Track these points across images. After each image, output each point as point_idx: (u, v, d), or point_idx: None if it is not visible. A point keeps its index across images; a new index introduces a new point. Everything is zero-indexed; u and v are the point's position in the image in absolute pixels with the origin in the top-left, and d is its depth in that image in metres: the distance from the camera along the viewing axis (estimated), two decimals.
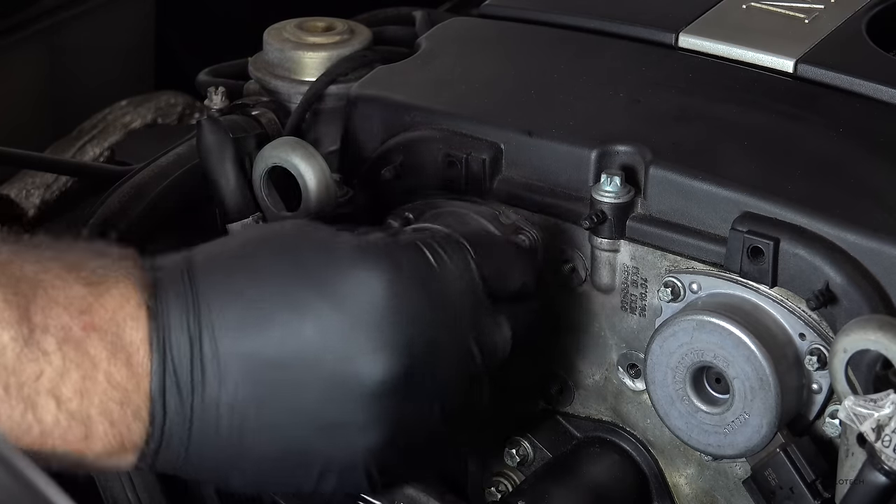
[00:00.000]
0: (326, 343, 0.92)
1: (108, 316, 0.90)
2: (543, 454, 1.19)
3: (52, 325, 0.88)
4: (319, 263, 0.94)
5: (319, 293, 0.93)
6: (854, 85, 1.19)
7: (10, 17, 1.77)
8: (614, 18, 1.31)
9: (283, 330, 0.92)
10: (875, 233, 1.03)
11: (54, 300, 0.88)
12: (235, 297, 0.93)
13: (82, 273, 0.91)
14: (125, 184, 1.27)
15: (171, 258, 0.96)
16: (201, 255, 0.96)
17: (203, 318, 0.91)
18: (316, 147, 1.20)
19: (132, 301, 0.91)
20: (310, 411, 0.93)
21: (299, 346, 0.92)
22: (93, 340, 0.89)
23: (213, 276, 0.94)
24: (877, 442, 0.93)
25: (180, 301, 0.92)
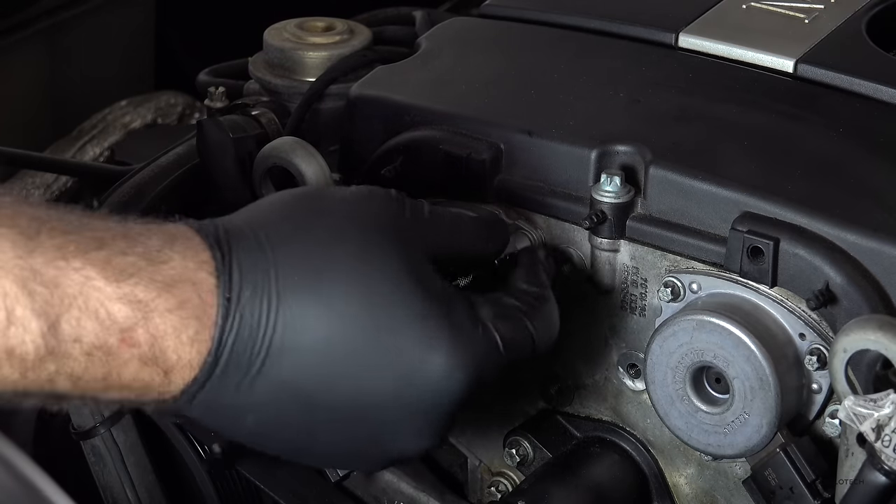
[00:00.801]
0: (381, 408, 0.94)
1: (152, 341, 0.89)
2: (543, 454, 1.19)
3: (86, 339, 0.87)
4: (405, 324, 0.94)
5: (396, 362, 0.93)
6: (854, 85, 1.19)
7: (10, 17, 1.77)
8: (614, 18, 1.31)
9: (346, 384, 0.93)
10: (875, 233, 1.03)
11: (94, 315, 0.87)
12: (312, 345, 0.92)
13: (127, 286, 0.88)
14: (125, 184, 1.27)
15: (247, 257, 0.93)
16: (289, 265, 0.93)
17: (268, 365, 0.92)
18: (316, 147, 1.20)
19: (185, 334, 0.89)
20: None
21: (353, 402, 0.93)
22: (129, 352, 0.88)
23: (296, 305, 0.92)
24: (877, 442, 0.93)
25: (249, 343, 0.91)
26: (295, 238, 0.94)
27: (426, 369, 0.94)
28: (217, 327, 0.90)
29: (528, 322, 1.00)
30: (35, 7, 1.79)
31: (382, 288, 0.93)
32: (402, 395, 0.94)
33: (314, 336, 0.92)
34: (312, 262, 0.93)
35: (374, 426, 0.95)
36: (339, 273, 0.93)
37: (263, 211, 0.96)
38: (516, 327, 0.99)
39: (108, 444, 1.22)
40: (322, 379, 0.92)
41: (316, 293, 0.92)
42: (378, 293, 0.93)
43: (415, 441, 0.96)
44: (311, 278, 0.92)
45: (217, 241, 0.92)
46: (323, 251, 0.93)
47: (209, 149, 1.18)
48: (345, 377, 0.93)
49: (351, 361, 0.92)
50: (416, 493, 1.25)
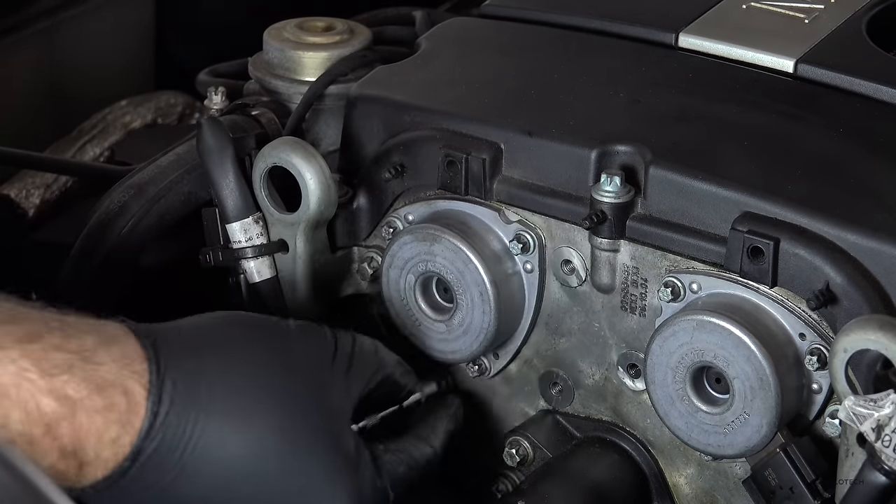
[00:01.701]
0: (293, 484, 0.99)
1: (74, 436, 0.91)
2: (543, 454, 1.19)
3: (12, 427, 0.89)
4: (321, 479, 1.00)
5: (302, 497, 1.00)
6: (854, 85, 1.19)
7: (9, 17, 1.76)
8: (614, 18, 1.31)
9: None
10: (875, 233, 1.03)
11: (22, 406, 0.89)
12: (225, 466, 0.96)
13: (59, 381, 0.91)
14: (125, 184, 1.27)
15: (176, 371, 0.97)
16: (214, 388, 0.98)
17: (179, 480, 0.96)
18: (316, 147, 1.21)
19: (107, 435, 0.93)
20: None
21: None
22: (51, 443, 0.90)
23: (215, 424, 0.97)
24: (877, 442, 0.93)
25: (167, 459, 0.95)
26: (230, 370, 0.99)
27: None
28: (139, 438, 0.93)
29: (412, 467, 1.09)
30: (34, 7, 1.79)
31: (300, 438, 1.00)
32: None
33: (227, 467, 0.96)
34: (241, 399, 0.98)
35: None
36: (262, 416, 0.98)
37: (205, 332, 1.01)
38: (404, 478, 1.07)
39: None
40: (222, 499, 0.97)
41: (237, 431, 0.97)
42: (296, 442, 0.99)
43: None
44: (237, 415, 0.97)
45: (155, 353, 0.96)
46: (253, 390, 0.99)
47: (209, 149, 1.18)
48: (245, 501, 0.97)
49: (255, 490, 0.97)
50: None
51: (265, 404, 0.99)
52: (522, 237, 1.15)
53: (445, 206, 1.19)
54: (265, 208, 1.19)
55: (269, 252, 1.19)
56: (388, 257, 1.19)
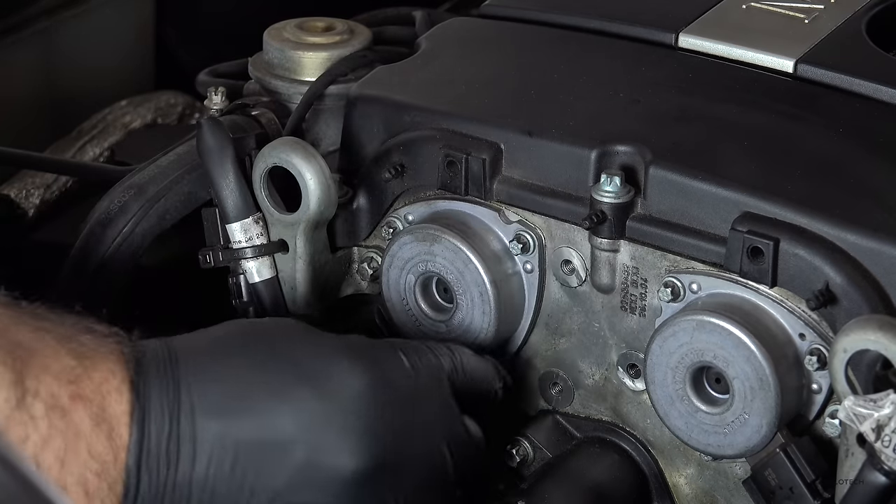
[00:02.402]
0: (302, 430, 0.96)
1: (94, 387, 0.92)
2: (543, 454, 1.19)
3: (43, 392, 0.90)
4: (304, 354, 0.99)
5: (301, 380, 0.97)
6: (854, 85, 1.19)
7: (9, 17, 1.76)
8: (614, 18, 1.31)
9: (261, 414, 0.96)
10: (875, 233, 1.03)
11: (46, 368, 0.90)
12: (216, 379, 0.96)
13: (73, 345, 0.93)
14: (125, 184, 1.27)
15: (155, 340, 0.99)
16: (185, 341, 0.99)
17: (182, 397, 0.95)
18: (316, 147, 1.21)
19: (118, 376, 0.93)
20: (280, 495, 0.96)
21: (275, 431, 0.96)
22: (78, 410, 0.91)
23: (195, 357, 0.97)
24: (876, 442, 0.93)
25: (162, 380, 0.95)
26: (189, 339, 1.00)
27: (332, 378, 0.98)
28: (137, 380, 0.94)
29: (432, 350, 1.06)
30: (34, 7, 1.79)
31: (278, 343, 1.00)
32: (317, 409, 0.96)
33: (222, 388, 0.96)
34: (211, 344, 1.00)
35: (302, 451, 0.96)
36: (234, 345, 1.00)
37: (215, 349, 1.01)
38: (424, 353, 1.05)
39: None
40: (240, 424, 0.96)
41: (215, 357, 0.98)
42: (275, 345, 1.00)
43: (348, 454, 0.97)
44: (211, 349, 0.99)
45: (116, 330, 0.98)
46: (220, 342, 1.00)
47: (209, 149, 1.18)
48: (260, 413, 0.96)
49: (261, 396, 0.96)
50: None
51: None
52: (522, 237, 1.15)
53: (445, 207, 1.19)
54: (265, 208, 1.19)
55: (268, 252, 1.19)
56: (388, 257, 1.19)
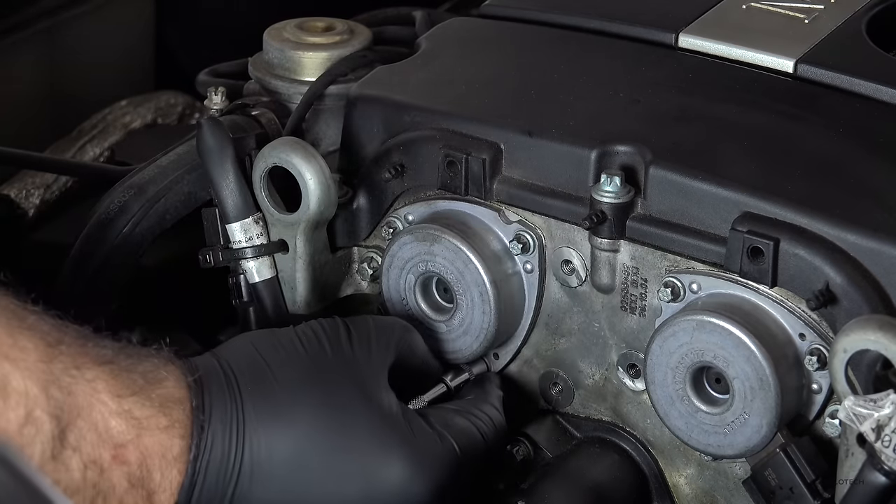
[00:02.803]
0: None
1: (141, 459, 0.93)
2: (543, 454, 1.19)
3: (84, 450, 0.90)
4: (367, 438, 1.01)
5: (361, 474, 1.00)
6: (854, 85, 1.19)
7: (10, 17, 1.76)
8: (614, 18, 1.31)
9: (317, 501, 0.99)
10: (875, 233, 1.03)
11: (94, 427, 0.91)
12: (281, 463, 0.98)
13: (128, 403, 0.93)
14: (125, 184, 1.27)
15: (221, 381, 0.99)
16: (254, 392, 0.99)
17: (242, 485, 0.96)
18: (316, 147, 1.21)
19: (170, 452, 0.94)
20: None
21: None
22: (119, 470, 0.91)
23: (262, 429, 0.98)
24: (876, 442, 0.93)
25: (223, 464, 0.96)
26: (256, 374, 1.00)
27: (387, 477, 1.00)
28: (193, 447, 0.95)
29: (475, 424, 1.09)
30: (35, 7, 1.79)
31: (339, 407, 1.01)
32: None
33: (280, 457, 0.98)
34: (274, 394, 1.00)
35: None
36: (298, 403, 1.00)
37: (228, 351, 1.03)
38: (467, 432, 1.08)
39: None
40: (291, 498, 0.98)
41: (278, 419, 0.98)
42: (336, 413, 1.00)
43: None
44: (274, 407, 0.99)
45: (192, 370, 0.98)
46: (283, 386, 1.00)
47: (209, 149, 1.18)
48: (312, 494, 0.98)
49: (317, 479, 0.98)
50: None
51: (299, 402, 1.00)
52: (522, 237, 1.15)
53: (445, 207, 1.19)
54: (265, 208, 1.19)
55: (268, 252, 1.19)
56: (388, 257, 1.19)
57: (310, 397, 1.00)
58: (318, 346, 1.04)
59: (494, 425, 1.12)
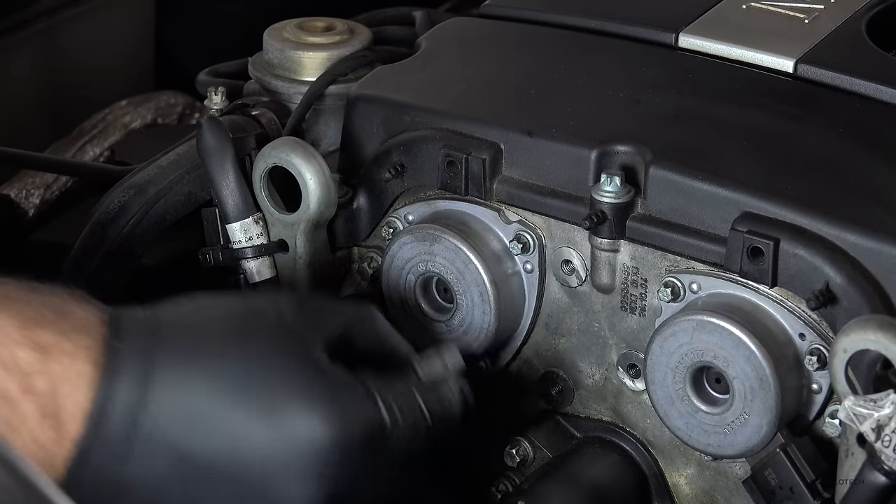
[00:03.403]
0: (255, 463, 0.95)
1: (51, 388, 0.91)
2: (543, 454, 1.19)
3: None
4: (279, 385, 0.97)
5: (267, 417, 0.96)
6: (854, 85, 1.19)
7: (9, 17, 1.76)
8: (614, 18, 1.31)
9: (221, 440, 0.95)
10: (875, 233, 1.03)
11: (1, 361, 0.90)
12: (187, 394, 0.95)
13: (36, 334, 0.92)
14: (125, 184, 1.27)
15: (137, 321, 0.97)
16: (167, 335, 0.97)
17: (150, 408, 0.94)
18: (316, 147, 1.21)
19: (81, 379, 0.92)
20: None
21: (229, 460, 0.95)
22: (29, 401, 0.90)
23: (171, 366, 0.96)
24: (877, 442, 0.93)
25: (132, 384, 0.94)
26: (174, 313, 0.99)
27: (294, 422, 0.96)
28: (103, 377, 0.92)
29: (419, 395, 1.02)
30: (35, 7, 1.79)
31: (257, 353, 0.97)
32: (273, 449, 0.96)
33: (188, 393, 0.95)
34: (191, 332, 0.98)
35: (255, 483, 0.96)
36: (214, 344, 0.97)
37: (161, 303, 1.01)
38: (404, 395, 1.01)
39: None
40: (199, 440, 0.95)
41: (192, 357, 0.96)
42: (253, 357, 0.97)
43: (295, 495, 0.97)
44: (188, 349, 0.97)
45: (105, 309, 0.97)
46: (202, 326, 0.99)
47: (209, 149, 1.18)
48: (219, 436, 0.95)
49: (225, 419, 0.95)
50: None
51: (215, 343, 0.98)
52: (522, 237, 1.15)
53: (445, 206, 1.19)
54: (265, 208, 1.19)
55: (268, 252, 1.19)
56: (388, 257, 1.19)
57: (227, 340, 0.98)
58: (249, 304, 1.02)
59: (442, 403, 1.04)
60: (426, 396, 1.02)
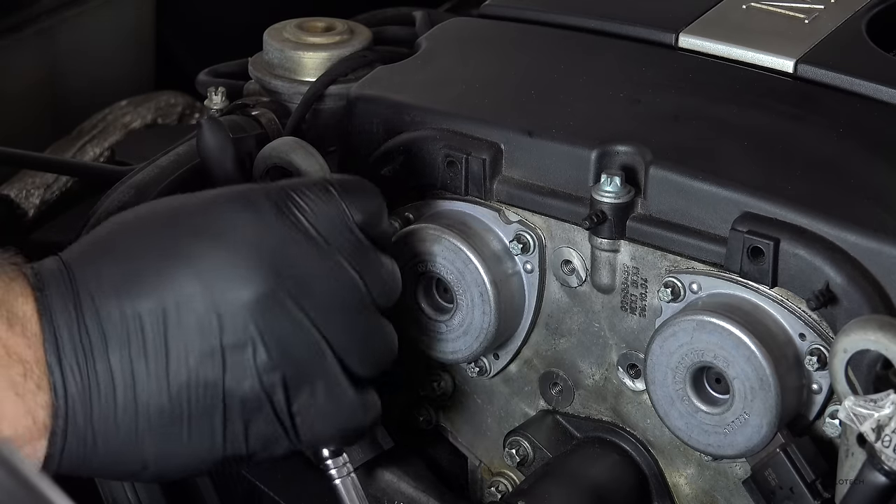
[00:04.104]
0: (200, 279, 0.97)
1: (0, 294, 0.93)
2: (543, 454, 1.19)
3: None
4: (193, 211, 1.00)
5: (193, 235, 0.98)
6: (854, 85, 1.19)
7: (10, 16, 1.77)
8: (614, 18, 1.31)
9: (157, 278, 0.96)
10: (875, 233, 1.03)
11: None
12: (110, 261, 0.97)
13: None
14: (125, 184, 1.27)
15: (50, 258, 1.00)
16: (77, 243, 1.00)
17: (80, 289, 0.96)
18: (316, 147, 1.20)
19: (19, 282, 0.95)
20: (194, 345, 0.96)
21: (172, 292, 0.96)
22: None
23: (87, 249, 0.98)
24: (877, 442, 0.93)
25: (59, 277, 0.96)
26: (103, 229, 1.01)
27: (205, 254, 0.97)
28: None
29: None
30: (35, 7, 1.79)
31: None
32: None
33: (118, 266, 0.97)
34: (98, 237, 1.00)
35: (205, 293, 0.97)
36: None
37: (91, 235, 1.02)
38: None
39: None
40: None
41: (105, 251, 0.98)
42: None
43: (251, 356, 0.97)
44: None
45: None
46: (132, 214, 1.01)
47: (209, 149, 1.18)
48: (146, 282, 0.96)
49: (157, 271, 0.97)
50: (416, 492, 1.25)
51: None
52: (522, 237, 1.15)
53: (445, 207, 1.19)
54: None
55: None
56: None
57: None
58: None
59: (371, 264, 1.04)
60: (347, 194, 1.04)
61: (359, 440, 1.12)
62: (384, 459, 1.23)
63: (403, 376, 1.25)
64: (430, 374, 1.25)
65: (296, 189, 1.02)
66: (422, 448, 1.30)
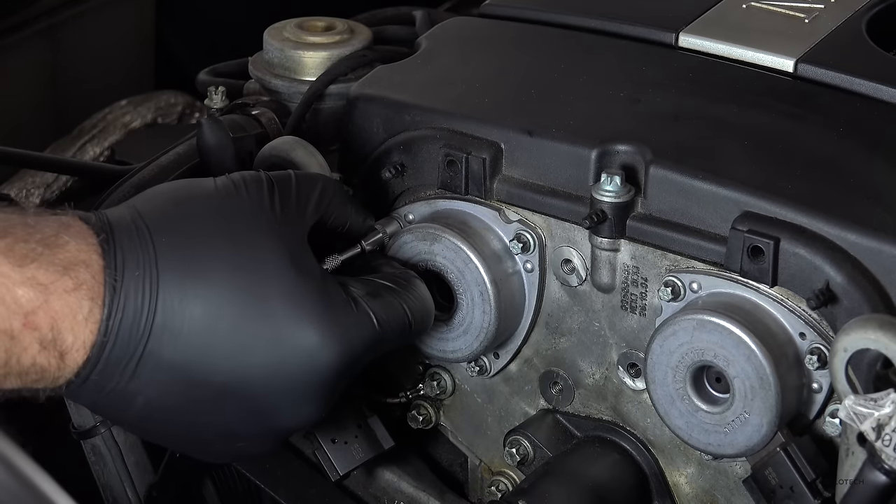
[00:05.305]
0: (257, 381, 0.99)
1: (52, 322, 0.93)
2: (543, 454, 1.19)
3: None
4: (279, 299, 0.99)
5: (270, 337, 0.99)
6: (854, 85, 1.19)
7: (10, 17, 1.77)
8: (614, 18, 1.31)
9: (223, 357, 0.98)
10: (875, 233, 1.03)
11: (2, 301, 0.92)
12: (192, 322, 0.97)
13: (30, 270, 0.93)
14: (125, 184, 1.27)
15: (132, 249, 0.98)
16: (162, 251, 0.99)
17: (152, 343, 0.97)
18: (316, 147, 1.21)
19: (80, 314, 0.95)
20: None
21: (230, 375, 0.98)
22: (31, 335, 0.93)
23: (170, 284, 0.97)
24: (877, 441, 0.93)
25: (134, 310, 0.96)
26: (171, 228, 0.99)
27: (299, 343, 0.99)
28: (105, 306, 0.95)
29: (400, 300, 1.06)
30: (35, 7, 1.80)
31: (255, 270, 0.99)
32: (277, 369, 0.99)
33: (192, 316, 0.97)
34: (190, 250, 0.98)
35: (254, 401, 0.99)
36: (214, 259, 0.98)
37: (143, 201, 1.02)
38: (389, 304, 1.05)
39: (108, 444, 1.22)
40: (201, 357, 0.97)
41: (193, 276, 0.97)
42: (252, 273, 0.99)
43: (295, 414, 1.01)
44: (189, 264, 0.98)
45: (102, 228, 0.97)
46: (199, 241, 0.99)
47: (209, 148, 1.18)
48: (222, 353, 0.98)
49: (227, 338, 0.98)
50: (416, 492, 1.25)
51: (214, 258, 0.99)
52: (523, 236, 1.15)
53: (445, 206, 1.19)
54: None
55: None
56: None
57: (225, 256, 0.99)
58: (238, 201, 1.02)
59: (419, 302, 1.09)
60: (408, 299, 1.07)
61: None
62: (384, 459, 1.23)
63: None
64: (429, 373, 1.25)
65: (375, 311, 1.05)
66: (422, 448, 1.30)
